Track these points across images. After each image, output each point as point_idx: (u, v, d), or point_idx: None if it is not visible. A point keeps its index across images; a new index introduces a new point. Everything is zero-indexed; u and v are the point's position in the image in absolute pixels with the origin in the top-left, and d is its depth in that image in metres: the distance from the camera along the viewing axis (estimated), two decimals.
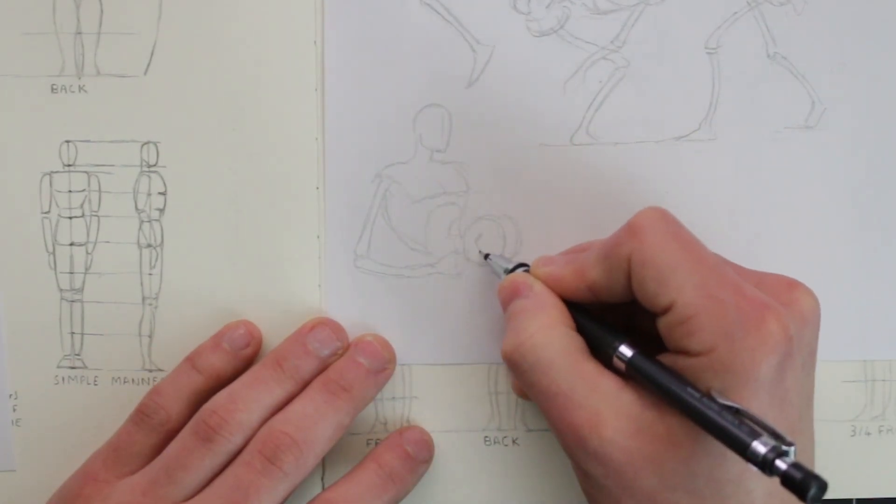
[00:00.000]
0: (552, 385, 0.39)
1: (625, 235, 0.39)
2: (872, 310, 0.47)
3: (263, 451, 0.42)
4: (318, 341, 0.45)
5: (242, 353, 0.46)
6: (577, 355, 0.39)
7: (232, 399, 0.43)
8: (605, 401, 0.38)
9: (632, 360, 0.39)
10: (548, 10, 0.46)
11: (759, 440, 0.34)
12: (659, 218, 0.39)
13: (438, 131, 0.47)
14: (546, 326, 0.40)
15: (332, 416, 0.43)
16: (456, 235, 0.47)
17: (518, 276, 0.43)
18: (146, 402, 0.45)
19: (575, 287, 0.41)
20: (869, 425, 0.48)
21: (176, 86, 0.47)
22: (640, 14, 0.47)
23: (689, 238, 0.39)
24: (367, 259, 0.47)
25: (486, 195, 0.47)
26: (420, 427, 0.47)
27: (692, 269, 0.38)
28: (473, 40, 0.47)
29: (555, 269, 0.42)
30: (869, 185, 0.47)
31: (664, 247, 0.38)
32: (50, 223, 0.47)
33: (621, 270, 0.39)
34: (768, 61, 0.47)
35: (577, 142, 0.47)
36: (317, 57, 0.47)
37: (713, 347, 0.36)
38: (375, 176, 0.47)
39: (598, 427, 0.38)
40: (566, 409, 0.38)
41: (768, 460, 0.33)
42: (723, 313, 0.36)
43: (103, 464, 0.44)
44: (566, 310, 0.41)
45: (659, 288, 0.38)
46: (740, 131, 0.47)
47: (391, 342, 0.47)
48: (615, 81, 0.47)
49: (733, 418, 0.35)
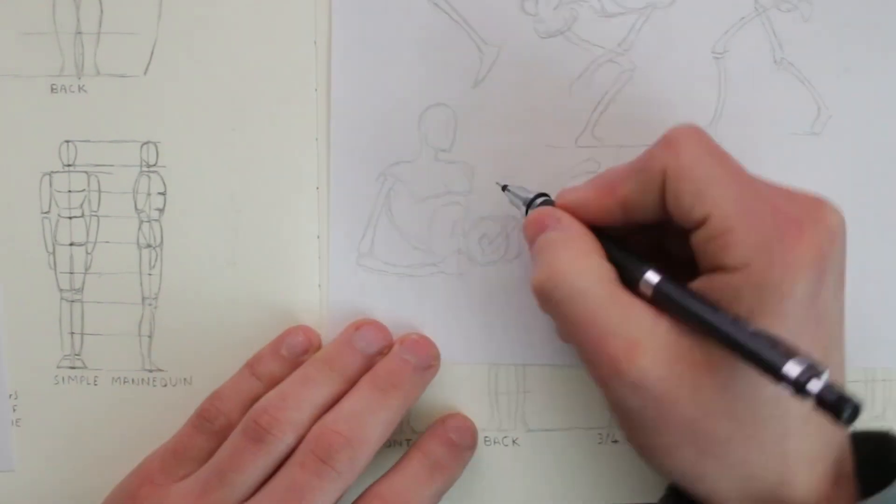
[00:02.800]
0: (587, 315, 0.38)
1: (659, 149, 0.38)
2: (877, 318, 0.47)
3: (317, 451, 0.41)
4: (364, 340, 0.45)
5: (300, 359, 0.46)
6: (610, 285, 0.39)
7: (282, 398, 0.43)
8: (641, 329, 0.37)
9: (658, 285, 0.38)
10: (555, 12, 0.46)
11: (792, 361, 0.33)
12: (694, 132, 0.38)
13: (444, 131, 0.47)
14: (578, 256, 0.39)
15: (383, 413, 0.43)
16: (459, 235, 0.47)
17: (543, 209, 0.42)
18: (207, 406, 0.45)
19: (605, 207, 0.40)
20: (869, 425, 0.48)
21: (176, 86, 0.47)
22: (648, 17, 0.46)
23: (723, 154, 0.38)
24: (371, 257, 0.47)
25: (490, 195, 0.47)
26: (462, 414, 0.47)
27: (729, 183, 0.37)
28: (480, 40, 0.46)
29: (581, 193, 0.41)
30: (874, 192, 0.47)
31: (700, 159, 0.38)
32: (50, 223, 0.47)
33: (655, 184, 0.38)
34: (775, 67, 0.47)
35: (583, 144, 0.47)
36: (317, 57, 0.47)
37: (749, 262, 0.36)
38: (380, 174, 0.47)
39: (635, 356, 0.37)
40: (602, 338, 0.37)
41: (800, 382, 0.33)
42: (759, 227, 0.36)
43: (161, 466, 0.44)
44: (596, 239, 0.40)
45: (695, 201, 0.37)
46: (746, 136, 0.47)
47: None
48: (621, 84, 0.46)
49: (765, 340, 0.34)
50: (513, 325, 0.47)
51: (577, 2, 0.46)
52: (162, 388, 0.47)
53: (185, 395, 0.47)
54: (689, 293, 0.37)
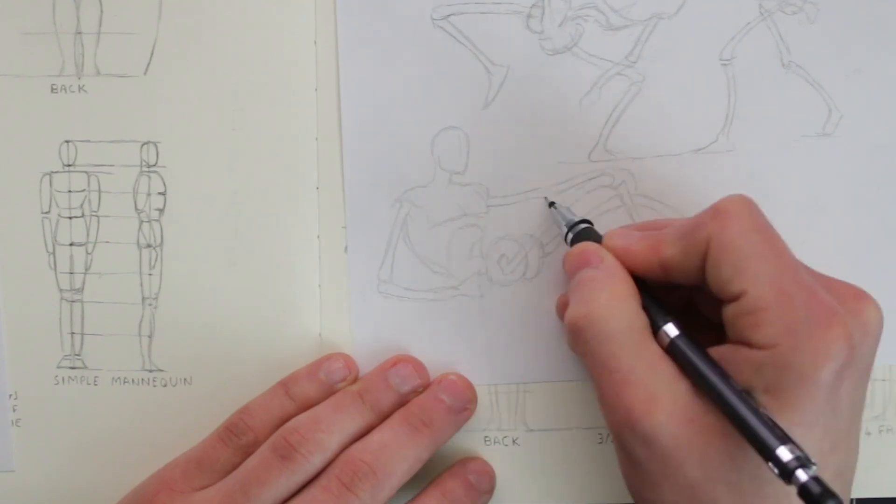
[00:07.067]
0: (612, 360, 0.39)
1: (708, 218, 0.39)
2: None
3: (341, 476, 0.42)
4: (399, 377, 0.45)
5: (337, 387, 0.46)
6: (641, 333, 0.39)
7: (314, 420, 0.43)
8: (663, 384, 0.38)
9: (675, 339, 0.39)
10: (560, 29, 0.46)
11: (786, 446, 0.34)
12: (744, 205, 0.39)
13: (457, 153, 0.47)
14: (615, 299, 0.40)
15: (411, 449, 0.43)
16: (478, 257, 0.47)
17: (589, 245, 0.43)
18: (235, 420, 0.45)
19: (647, 262, 0.41)
20: (869, 425, 0.48)
21: (176, 86, 0.47)
22: (654, 28, 0.46)
23: (770, 231, 0.39)
24: (391, 284, 0.47)
25: (506, 215, 0.47)
26: (482, 458, 0.47)
27: (769, 262, 0.37)
28: (488, 61, 0.47)
29: (628, 242, 0.42)
30: (886, 191, 0.47)
31: (746, 235, 0.38)
32: (50, 223, 0.47)
33: (698, 252, 0.39)
34: (783, 70, 0.47)
35: (595, 158, 0.47)
36: (317, 57, 0.47)
37: (777, 343, 0.36)
38: (395, 200, 0.47)
39: (651, 410, 0.37)
40: (623, 386, 0.38)
41: (790, 468, 0.33)
42: (792, 311, 0.36)
43: (182, 473, 0.44)
44: (635, 286, 0.41)
45: (734, 275, 0.38)
46: (758, 141, 0.47)
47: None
48: (631, 97, 0.47)
49: (766, 419, 0.35)
50: (541, 343, 0.47)
51: (582, 17, 0.46)
52: (162, 388, 0.47)
53: (185, 395, 0.47)
54: (703, 355, 0.38)
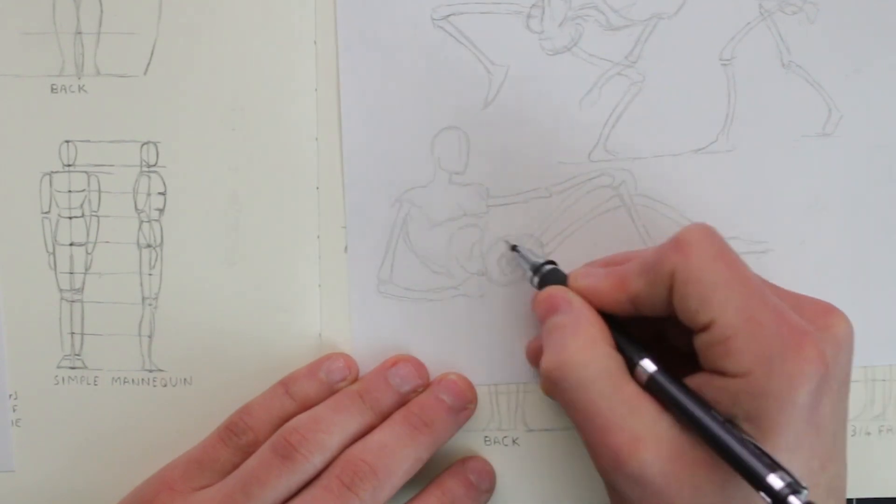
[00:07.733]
0: (592, 406, 0.39)
1: (669, 250, 0.39)
2: (879, 317, 0.47)
3: (342, 476, 0.42)
4: (399, 377, 0.46)
5: (337, 386, 0.46)
6: (617, 376, 0.39)
7: (314, 420, 0.43)
8: (645, 424, 0.38)
9: (653, 375, 0.39)
10: (560, 29, 0.46)
11: (776, 474, 0.34)
12: (705, 234, 0.39)
13: (457, 153, 0.47)
14: (586, 346, 0.40)
15: (412, 449, 0.43)
16: (478, 257, 0.47)
17: (556, 290, 0.42)
18: (235, 420, 0.45)
19: (615, 299, 0.41)
20: (869, 425, 0.48)
21: (176, 86, 0.47)
22: (654, 28, 0.46)
23: (733, 258, 0.39)
24: (391, 284, 0.47)
25: (506, 215, 0.47)
26: (483, 458, 0.47)
27: (735, 290, 0.37)
28: (488, 61, 0.47)
29: (594, 281, 0.42)
30: (885, 191, 0.47)
31: (709, 265, 0.38)
32: (50, 223, 0.47)
33: (664, 284, 0.39)
34: (783, 70, 0.47)
35: (595, 158, 0.47)
36: (317, 57, 0.47)
37: (750, 371, 0.36)
38: (395, 200, 0.47)
39: (637, 450, 0.37)
40: (605, 430, 0.38)
41: (782, 496, 0.33)
42: (762, 337, 0.36)
43: (182, 474, 0.44)
44: (605, 327, 0.41)
45: (700, 306, 0.38)
46: (758, 141, 0.47)
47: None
48: (631, 97, 0.47)
49: (753, 448, 0.35)
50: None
51: (582, 17, 0.46)
52: (162, 388, 0.47)
53: (185, 395, 0.47)
54: (683, 388, 0.38)
